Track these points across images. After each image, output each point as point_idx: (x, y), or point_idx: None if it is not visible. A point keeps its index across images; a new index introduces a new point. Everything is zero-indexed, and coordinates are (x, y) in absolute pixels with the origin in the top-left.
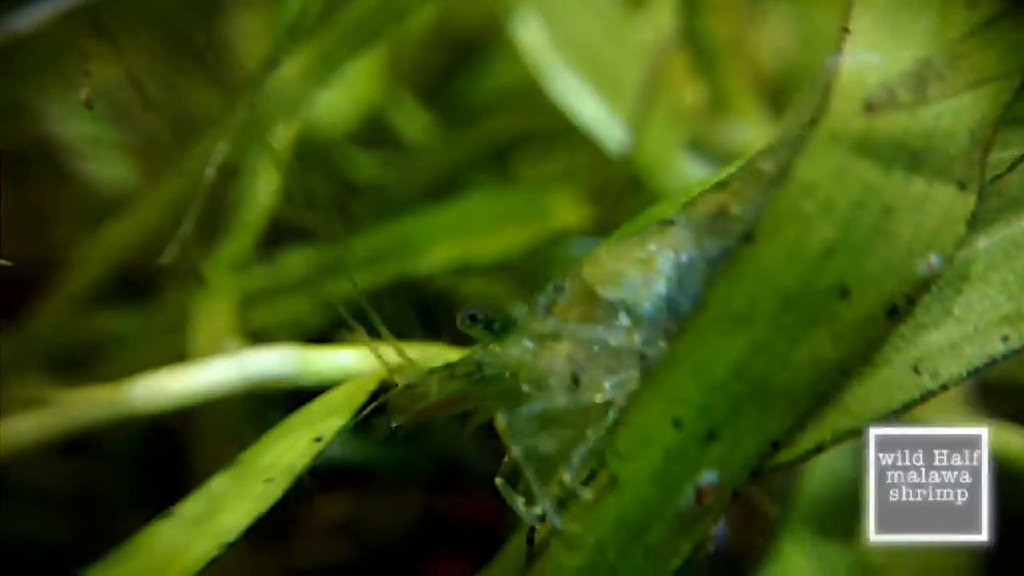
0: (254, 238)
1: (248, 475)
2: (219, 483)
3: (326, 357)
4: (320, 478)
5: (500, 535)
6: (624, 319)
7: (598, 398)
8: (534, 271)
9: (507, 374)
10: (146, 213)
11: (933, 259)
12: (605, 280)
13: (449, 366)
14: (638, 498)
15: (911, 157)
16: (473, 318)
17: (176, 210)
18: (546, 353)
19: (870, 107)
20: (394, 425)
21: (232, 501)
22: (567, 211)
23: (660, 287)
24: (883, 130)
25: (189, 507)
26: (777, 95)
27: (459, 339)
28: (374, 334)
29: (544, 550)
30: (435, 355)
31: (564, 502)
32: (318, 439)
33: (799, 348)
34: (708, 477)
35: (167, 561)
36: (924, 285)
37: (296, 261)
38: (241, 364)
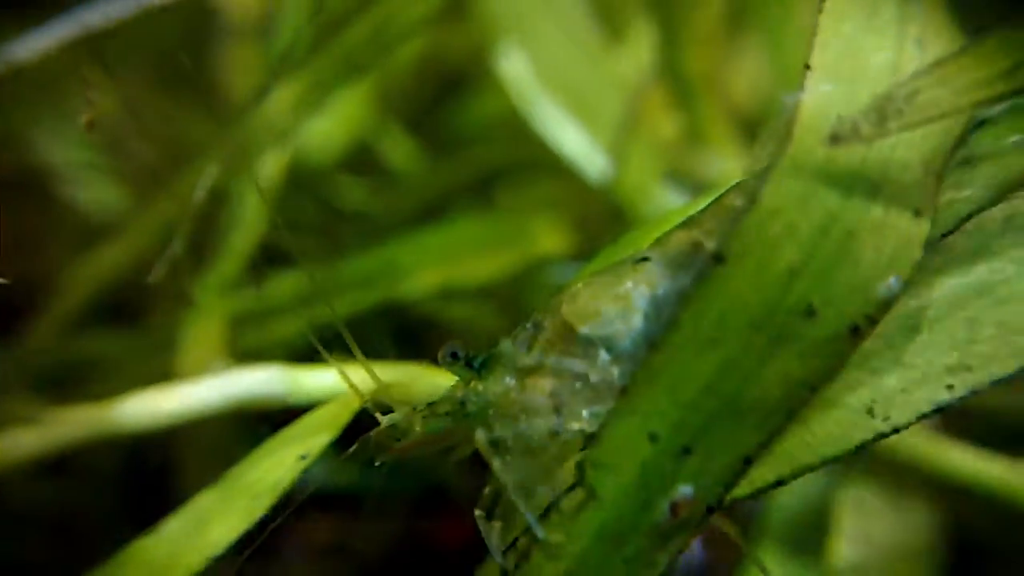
0: (243, 262)
1: (234, 492)
2: (205, 500)
3: (312, 377)
4: (305, 501)
5: (482, 558)
6: (603, 355)
7: (578, 432)
8: (517, 296)
9: (489, 411)
10: (136, 237)
11: (892, 281)
12: (583, 317)
13: (432, 404)
14: (616, 510)
15: (869, 185)
16: (454, 356)
17: (166, 234)
18: (527, 389)
19: (834, 138)
20: (377, 463)
21: (218, 517)
22: (549, 238)
23: (637, 322)
24: (843, 160)
25: (175, 523)
26: (752, 127)
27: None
28: (356, 356)
29: (525, 560)
30: (418, 376)
31: (543, 522)
32: (303, 457)
33: (768, 366)
34: (683, 491)
35: (154, 575)
36: (884, 306)
37: (284, 285)
38: (229, 384)
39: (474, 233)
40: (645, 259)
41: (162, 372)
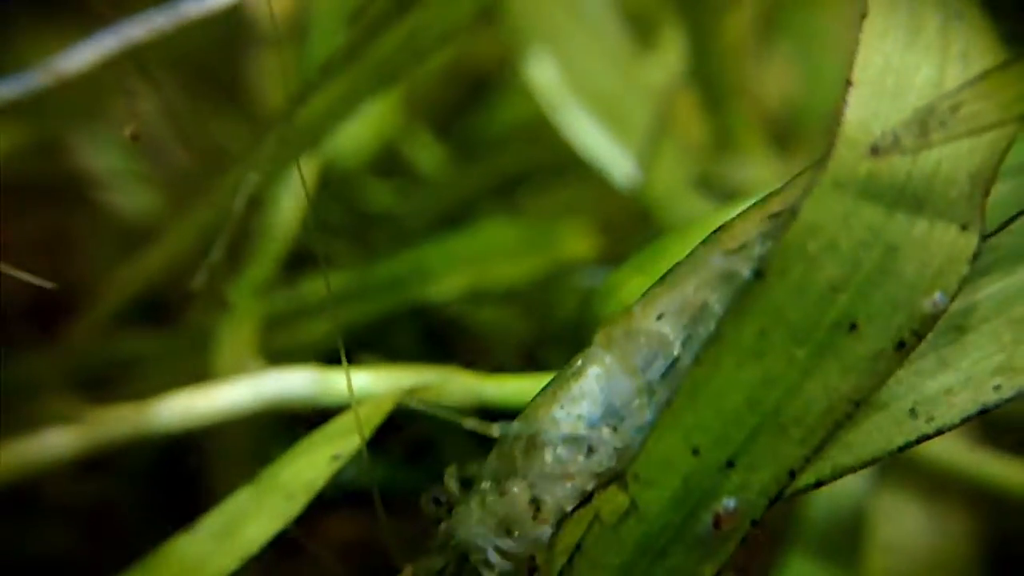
0: (277, 264)
1: (268, 491)
2: (240, 499)
3: (344, 379)
4: (332, 499)
5: None
6: (566, 425)
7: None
8: (544, 300)
9: (475, 531)
10: (174, 241)
11: (938, 297)
12: (545, 404)
13: (420, 561)
14: (659, 522)
15: (914, 200)
16: (437, 502)
17: (202, 239)
18: (505, 495)
19: (875, 151)
20: None
21: (253, 516)
22: (576, 242)
23: (592, 409)
24: (886, 175)
25: (211, 521)
26: (782, 134)
27: (471, 364)
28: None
29: (568, 568)
30: (449, 379)
31: None
32: (336, 457)
33: (811, 380)
34: (726, 504)
35: (189, 573)
36: (930, 321)
37: (316, 287)
38: (262, 384)
39: (502, 237)
40: (593, 352)
41: (197, 372)
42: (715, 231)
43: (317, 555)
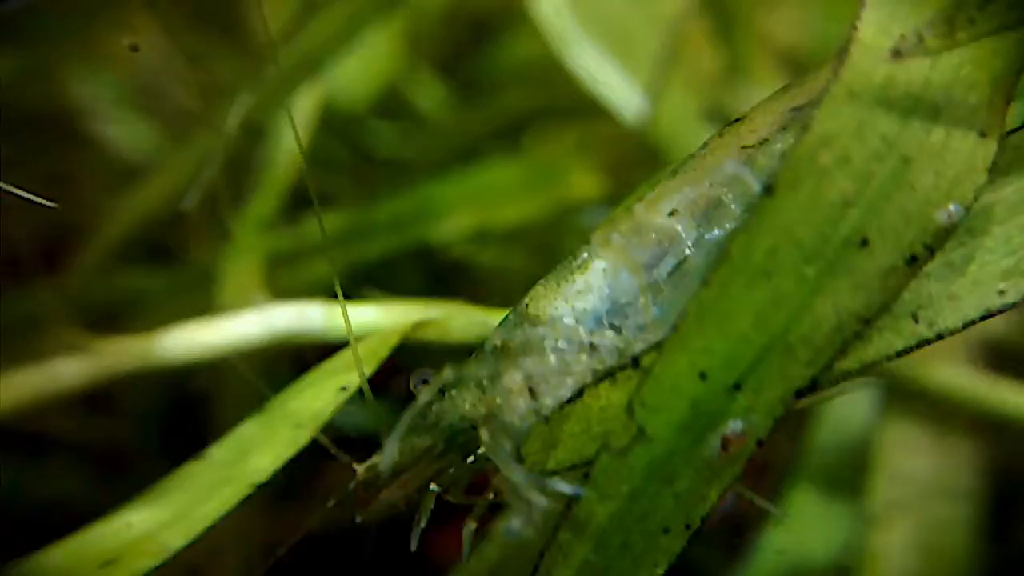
0: (279, 199)
1: (276, 421)
2: (248, 429)
3: (354, 311)
4: (338, 444)
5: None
6: (568, 322)
7: (555, 406)
8: (549, 240)
9: (464, 420)
10: (172, 174)
11: (952, 208)
12: (545, 296)
13: (405, 438)
14: (667, 448)
15: (931, 108)
16: (426, 382)
17: (201, 172)
18: (501, 378)
19: (896, 54)
20: (359, 520)
21: (262, 445)
22: (583, 181)
23: (597, 284)
24: (903, 82)
25: (220, 449)
26: (795, 62)
27: (475, 303)
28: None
29: (576, 501)
30: (455, 314)
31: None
32: (343, 389)
33: (821, 299)
34: (734, 426)
35: (201, 499)
36: (943, 234)
37: (326, 223)
38: (269, 318)
39: (506, 177)
40: (599, 235)
41: (202, 308)
42: (733, 122)
43: (318, 501)
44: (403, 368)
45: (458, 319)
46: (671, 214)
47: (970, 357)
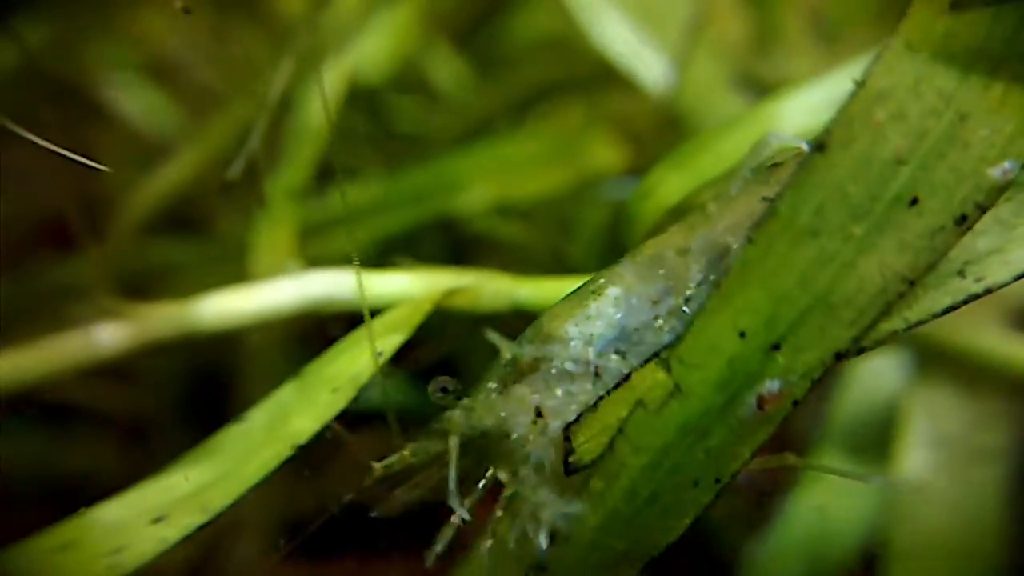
0: (308, 171)
1: (313, 386)
2: (285, 393)
3: (383, 280)
4: (356, 419)
5: None
6: (577, 344)
7: (561, 427)
8: (571, 213)
9: (476, 428)
10: (201, 148)
11: (1007, 165)
12: (560, 317)
13: (420, 442)
14: (702, 405)
15: (990, 62)
16: (444, 390)
17: (228, 148)
18: (509, 394)
19: (957, 5)
20: (375, 515)
21: (300, 408)
22: (604, 153)
23: (608, 312)
24: (964, 34)
25: (259, 413)
26: (827, 27)
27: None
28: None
29: (611, 452)
30: (485, 282)
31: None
32: (379, 354)
33: (866, 258)
34: (771, 386)
35: (244, 460)
36: (996, 193)
37: (347, 197)
38: (303, 285)
39: (527, 149)
40: (616, 264)
41: (234, 278)
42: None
43: (340, 474)
44: (429, 340)
45: (489, 287)
46: (682, 253)
47: (1002, 319)
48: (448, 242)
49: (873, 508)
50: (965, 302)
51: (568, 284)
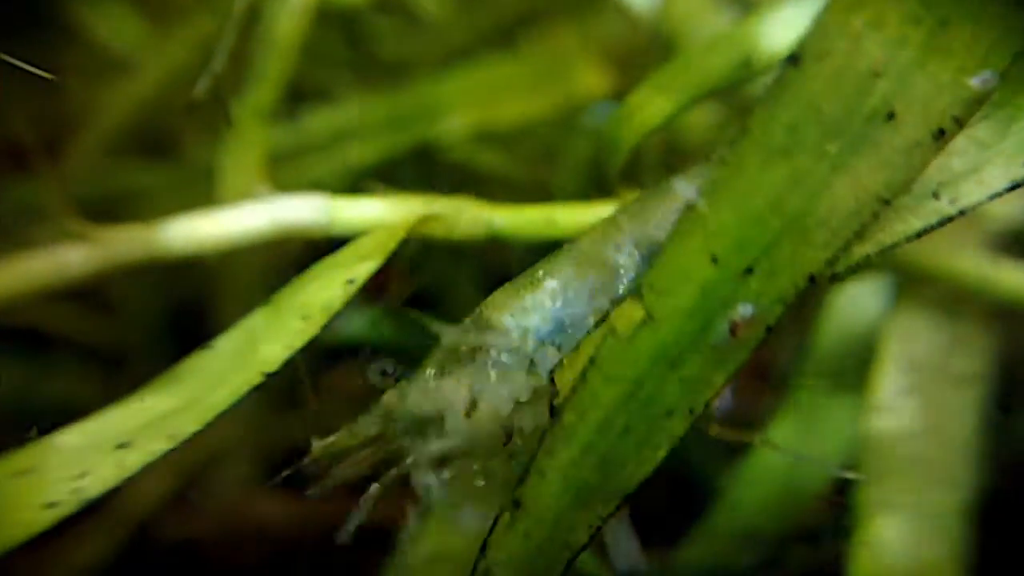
0: (277, 91)
1: (284, 312)
2: (255, 320)
3: (355, 206)
4: (336, 353)
5: None
6: (514, 335)
7: (494, 416)
8: (555, 140)
9: (413, 412)
10: (161, 68)
11: (987, 75)
12: (498, 307)
13: (356, 423)
14: (674, 332)
15: None
16: (384, 373)
17: (191, 67)
18: (446, 383)
19: None
20: (309, 493)
21: (270, 335)
22: (589, 77)
23: (545, 304)
24: None
25: (229, 340)
26: None
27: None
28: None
29: (583, 383)
30: (462, 209)
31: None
32: (351, 281)
33: (840, 178)
34: (743, 311)
35: (212, 386)
36: (974, 105)
37: (318, 122)
38: (273, 210)
39: (508, 74)
40: (558, 252)
41: (202, 202)
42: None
43: (322, 406)
44: (406, 272)
45: (465, 215)
46: (618, 248)
47: (982, 243)
48: (425, 172)
49: (848, 435)
50: (940, 224)
51: (544, 211)
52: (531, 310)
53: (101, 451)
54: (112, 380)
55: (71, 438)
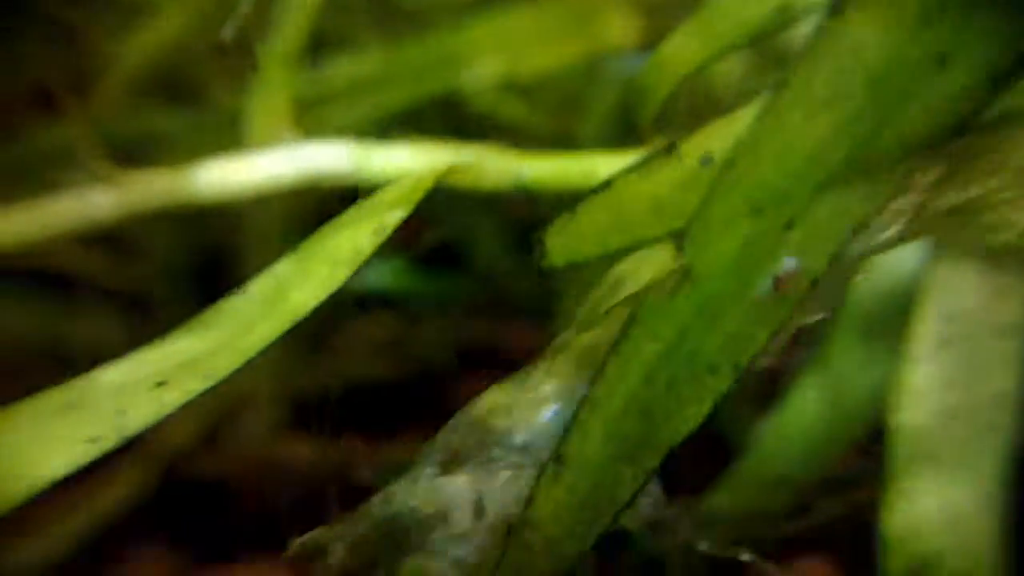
0: (303, 37)
1: (313, 259)
2: (284, 267)
3: (383, 153)
4: (363, 301)
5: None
6: (517, 439)
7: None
8: (581, 90)
9: (413, 511)
10: (188, 8)
11: None
12: (493, 411)
13: (353, 519)
14: (715, 287)
15: None
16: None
17: (215, 13)
18: (447, 483)
19: None
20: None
21: (299, 282)
22: (618, 26)
23: (542, 408)
24: None
25: (259, 286)
26: None
27: None
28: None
29: (625, 338)
30: (489, 158)
31: None
32: (379, 230)
33: (887, 127)
34: (787, 264)
35: (244, 330)
36: None
37: (340, 70)
38: (300, 156)
39: (536, 22)
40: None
41: (227, 148)
42: None
43: (346, 352)
44: (431, 223)
45: (492, 163)
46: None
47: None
48: (447, 123)
49: (884, 385)
50: None
51: (574, 161)
52: (529, 410)
53: (140, 389)
54: (135, 324)
55: (109, 376)
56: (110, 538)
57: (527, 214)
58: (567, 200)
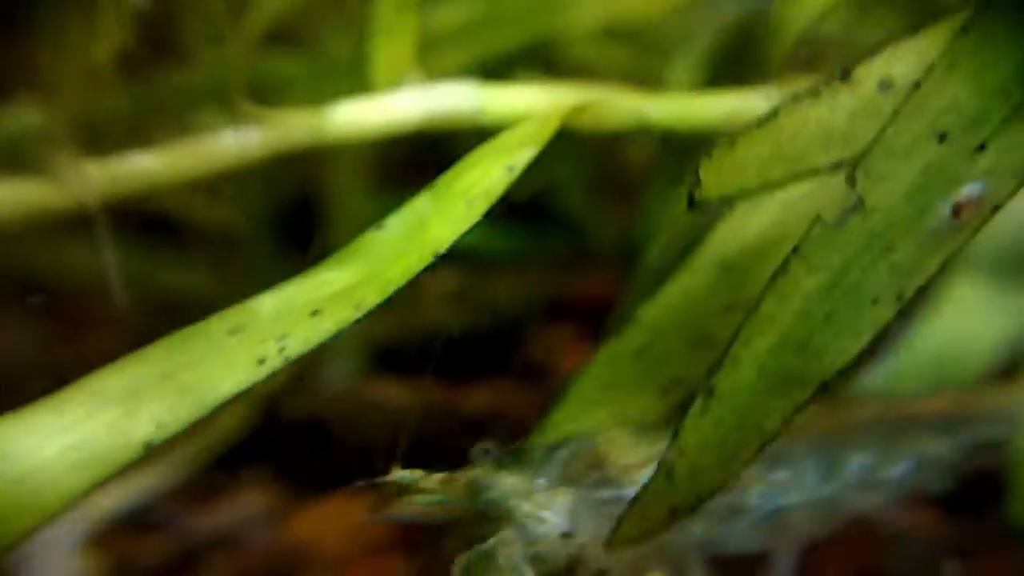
0: None
1: (447, 196)
2: (421, 203)
3: (510, 92)
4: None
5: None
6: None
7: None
8: (683, 33)
9: (502, 503)
10: None
11: None
12: (614, 448)
13: (450, 476)
14: (888, 218)
15: None
16: (487, 452)
17: None
18: (545, 497)
19: None
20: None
21: (436, 219)
22: None
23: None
24: None
25: (397, 221)
26: None
27: None
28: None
29: (784, 273)
30: (614, 98)
31: None
32: (511, 168)
33: None
34: (971, 190)
35: (388, 263)
36: None
37: (449, 15)
38: (428, 97)
39: None
40: None
41: (348, 92)
42: None
43: (421, 303)
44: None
45: (616, 103)
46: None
47: None
48: (548, 69)
49: (1009, 326)
50: None
51: (700, 100)
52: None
53: (298, 316)
54: (223, 268)
55: (267, 305)
56: (222, 467)
57: (613, 166)
58: (679, 147)
